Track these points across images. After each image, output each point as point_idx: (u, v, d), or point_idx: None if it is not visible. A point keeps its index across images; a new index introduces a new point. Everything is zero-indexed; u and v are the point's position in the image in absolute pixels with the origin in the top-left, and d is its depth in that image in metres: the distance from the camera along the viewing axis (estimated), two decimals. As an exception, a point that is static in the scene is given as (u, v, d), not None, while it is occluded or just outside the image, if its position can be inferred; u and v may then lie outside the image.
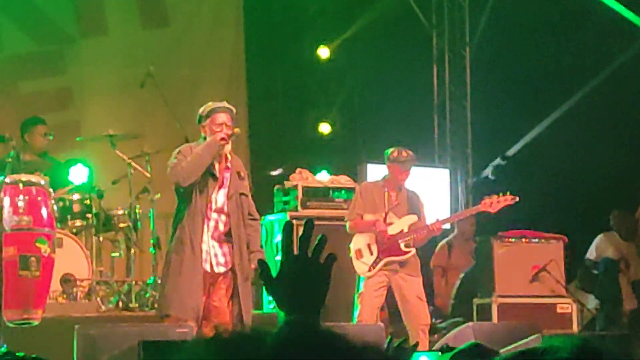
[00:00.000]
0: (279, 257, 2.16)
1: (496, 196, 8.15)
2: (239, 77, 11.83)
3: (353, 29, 12.12)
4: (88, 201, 8.51)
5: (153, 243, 8.65)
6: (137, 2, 11.49)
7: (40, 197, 6.55)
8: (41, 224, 6.48)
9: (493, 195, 8.18)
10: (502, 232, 9.23)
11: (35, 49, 10.92)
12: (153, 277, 8.40)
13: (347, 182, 9.75)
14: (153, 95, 9.30)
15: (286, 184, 9.63)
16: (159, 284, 7.35)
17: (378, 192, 8.08)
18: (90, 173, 8.75)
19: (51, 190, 6.84)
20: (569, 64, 11.69)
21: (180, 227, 6.74)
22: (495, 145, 12.27)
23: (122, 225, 8.70)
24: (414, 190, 8.24)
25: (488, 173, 12.30)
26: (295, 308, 2.04)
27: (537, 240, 9.20)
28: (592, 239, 10.67)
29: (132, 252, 8.79)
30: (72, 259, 8.01)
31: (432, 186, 11.14)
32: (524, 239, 9.18)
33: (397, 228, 7.99)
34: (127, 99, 10.76)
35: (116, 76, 10.98)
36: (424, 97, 12.49)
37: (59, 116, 10.51)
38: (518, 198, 8.13)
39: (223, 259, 6.78)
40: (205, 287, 6.69)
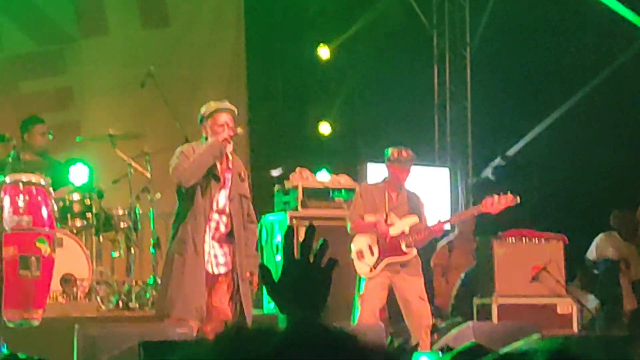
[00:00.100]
0: (279, 258, 2.16)
1: (497, 196, 8.12)
2: (239, 77, 11.82)
3: (353, 29, 12.11)
4: (88, 201, 8.50)
5: (153, 243, 8.66)
6: (138, 2, 11.49)
7: (40, 197, 6.55)
8: (41, 224, 6.48)
9: (494, 195, 8.16)
10: (502, 232, 9.22)
11: (35, 49, 10.92)
12: (153, 277, 8.40)
13: (347, 182, 9.76)
14: (153, 95, 9.29)
15: (286, 184, 9.63)
16: (159, 284, 7.34)
17: (378, 193, 8.07)
18: (90, 173, 8.74)
19: (51, 190, 6.83)
20: (569, 64, 11.69)
21: (182, 228, 6.73)
22: (495, 145, 12.27)
23: (122, 225, 8.70)
24: (414, 191, 8.23)
25: (488, 173, 12.30)
26: (296, 311, 2.04)
27: (537, 240, 9.19)
28: (592, 239, 10.66)
29: (132, 252, 8.80)
30: (72, 259, 8.00)
31: (432, 186, 11.15)
32: (524, 239, 9.17)
33: (398, 229, 7.97)
34: (127, 99, 10.76)
35: (116, 76, 10.97)
36: (424, 97, 12.49)
37: (59, 116, 10.51)
38: (519, 198, 8.11)
39: (223, 260, 6.79)
40: (206, 288, 6.70)
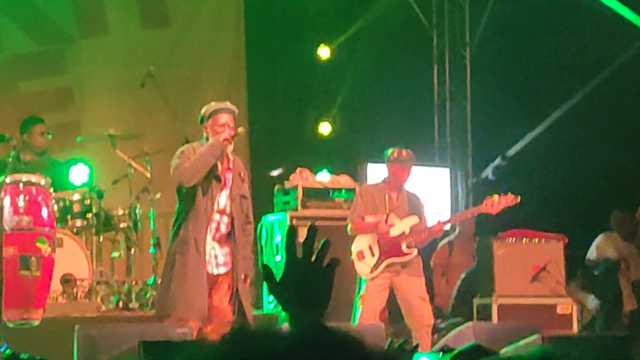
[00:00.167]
0: (279, 258, 2.16)
1: (497, 196, 8.12)
2: (239, 77, 11.82)
3: (353, 29, 12.11)
4: (88, 201, 8.50)
5: (153, 243, 8.65)
6: (138, 2, 11.48)
7: (40, 197, 6.55)
8: (41, 224, 6.49)
9: (494, 195, 8.16)
10: (502, 232, 9.22)
11: (35, 49, 10.91)
12: (153, 277, 8.40)
13: (348, 182, 9.76)
14: (153, 95, 9.29)
15: (286, 184, 9.62)
16: (160, 284, 7.33)
17: (378, 194, 8.06)
18: (90, 173, 8.75)
19: (51, 190, 6.83)
20: (569, 64, 11.69)
21: (183, 228, 6.72)
22: (495, 145, 12.27)
23: (122, 225, 8.69)
24: (414, 191, 8.23)
25: (488, 173, 12.29)
26: (299, 311, 2.04)
27: (537, 240, 9.19)
28: (592, 239, 10.65)
29: (132, 252, 8.79)
30: (72, 259, 7.99)
31: (432, 186, 11.15)
32: (524, 239, 9.17)
33: (399, 229, 7.96)
34: (127, 99, 10.76)
35: (116, 76, 10.97)
36: (424, 97, 12.48)
37: (59, 116, 10.51)
38: (520, 198, 8.11)
39: (223, 260, 6.79)
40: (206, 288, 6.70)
